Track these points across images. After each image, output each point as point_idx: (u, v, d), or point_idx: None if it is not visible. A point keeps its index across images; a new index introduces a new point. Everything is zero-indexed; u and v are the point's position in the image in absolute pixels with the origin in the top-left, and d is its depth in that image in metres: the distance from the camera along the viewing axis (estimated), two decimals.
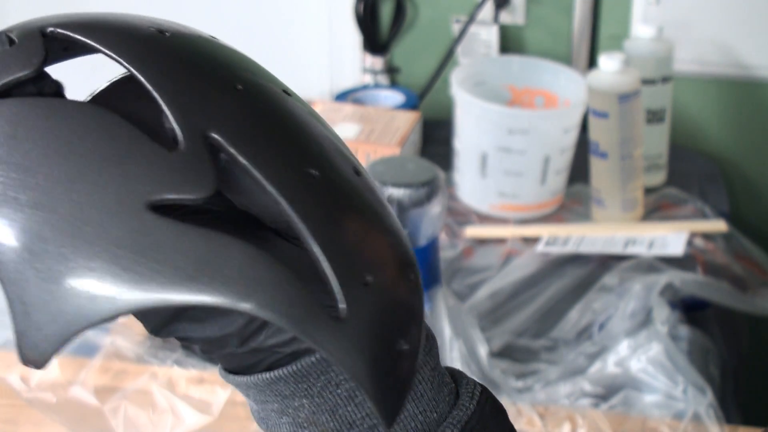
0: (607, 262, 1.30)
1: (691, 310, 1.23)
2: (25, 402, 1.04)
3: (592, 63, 1.58)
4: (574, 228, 1.37)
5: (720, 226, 1.36)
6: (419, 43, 1.66)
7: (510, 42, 1.62)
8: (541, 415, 1.03)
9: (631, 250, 1.31)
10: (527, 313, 1.23)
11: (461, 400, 0.47)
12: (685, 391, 1.06)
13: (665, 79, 1.44)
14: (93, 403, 1.03)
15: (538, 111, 1.46)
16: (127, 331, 1.11)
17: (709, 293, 1.25)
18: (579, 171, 1.44)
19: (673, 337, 1.13)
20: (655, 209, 1.42)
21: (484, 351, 1.12)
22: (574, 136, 1.40)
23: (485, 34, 1.61)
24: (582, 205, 1.44)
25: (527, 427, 1.02)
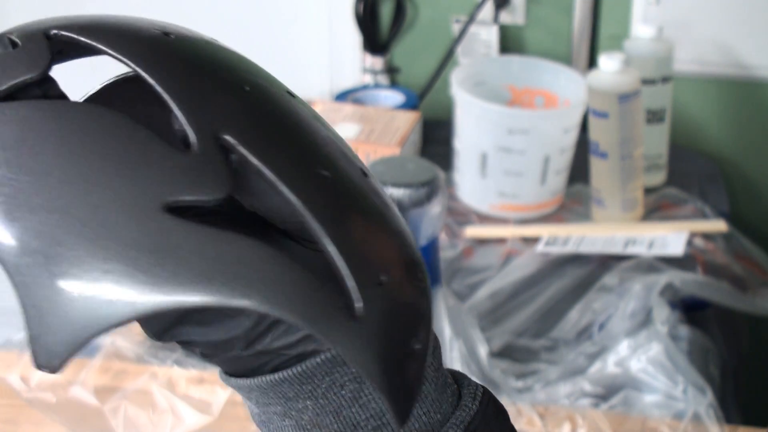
0: (607, 262, 1.30)
1: (691, 310, 1.23)
2: (25, 402, 1.04)
3: (592, 63, 1.58)
4: (574, 228, 1.37)
5: (720, 226, 1.36)
6: (419, 43, 1.66)
7: (510, 42, 1.62)
8: (541, 415, 1.03)
9: (631, 250, 1.31)
10: (527, 313, 1.23)
11: (464, 400, 0.47)
12: (685, 391, 1.06)
13: (665, 79, 1.44)
14: (93, 403, 1.03)
15: (538, 111, 1.46)
16: (127, 331, 1.11)
17: (709, 293, 1.25)
18: (579, 171, 1.44)
19: (673, 337, 1.13)
20: (655, 209, 1.42)
21: (484, 351, 1.12)
22: (574, 136, 1.40)
23: (485, 34, 1.61)
24: (582, 205, 1.44)
25: (527, 427, 1.02)
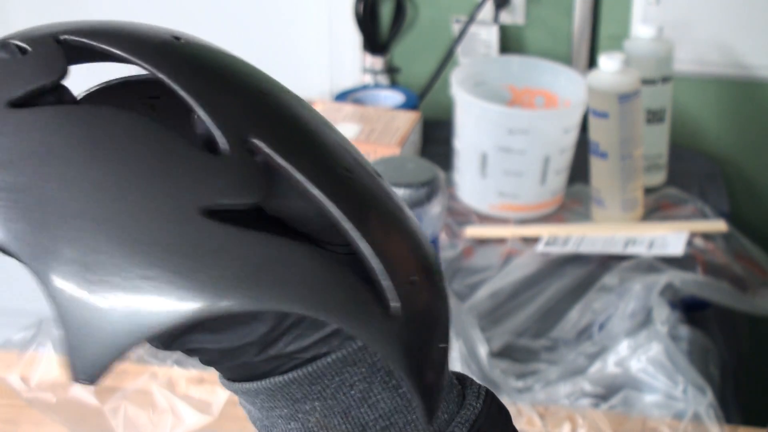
0: (607, 262, 1.30)
1: (691, 310, 1.23)
2: (25, 402, 1.04)
3: (592, 63, 1.58)
4: (574, 228, 1.37)
5: (720, 226, 1.36)
6: (419, 43, 1.66)
7: (510, 42, 1.62)
8: (541, 415, 1.03)
9: (631, 250, 1.31)
10: (527, 313, 1.23)
11: (468, 400, 0.47)
12: (685, 391, 1.06)
13: (665, 79, 1.44)
14: (93, 403, 1.02)
15: (538, 111, 1.46)
16: None
17: (709, 293, 1.25)
18: (579, 171, 1.44)
19: (673, 337, 1.13)
20: (655, 209, 1.42)
21: (484, 351, 1.12)
22: (574, 136, 1.40)
23: (485, 34, 1.61)
24: (582, 205, 1.44)
25: (527, 427, 1.02)
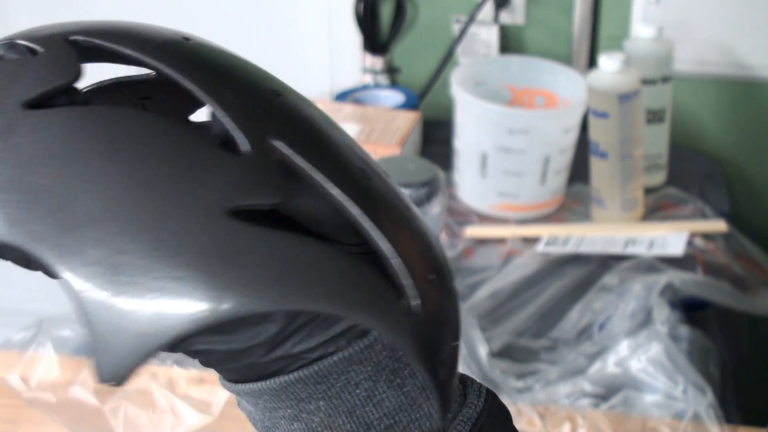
0: (607, 262, 1.30)
1: (691, 310, 1.23)
2: (25, 402, 1.04)
3: (592, 63, 1.58)
4: (574, 228, 1.37)
5: (720, 226, 1.36)
6: (419, 43, 1.66)
7: (510, 42, 1.62)
8: (541, 415, 1.03)
9: (631, 250, 1.31)
10: (527, 313, 1.23)
11: (469, 398, 0.47)
12: (685, 391, 1.06)
13: (665, 79, 1.44)
14: (93, 403, 1.02)
15: (538, 111, 1.46)
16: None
17: (709, 293, 1.25)
18: (579, 171, 1.44)
19: (673, 337, 1.13)
20: (655, 209, 1.42)
21: (484, 351, 1.12)
22: (574, 136, 1.40)
23: (485, 34, 1.61)
24: (582, 205, 1.44)
25: (527, 427, 1.02)
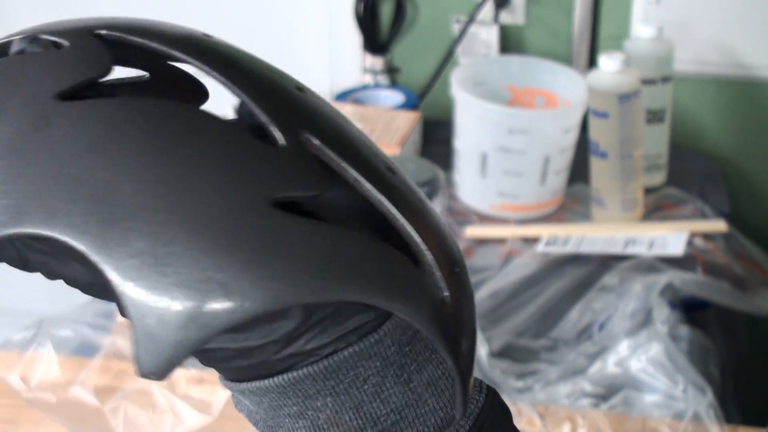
0: (607, 262, 1.30)
1: (691, 310, 1.23)
2: (25, 402, 1.04)
3: (592, 63, 1.58)
4: (574, 228, 1.37)
5: (720, 226, 1.36)
6: (419, 43, 1.66)
7: (510, 42, 1.62)
8: (541, 415, 1.03)
9: (631, 250, 1.31)
10: (527, 313, 1.23)
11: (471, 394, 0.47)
12: (685, 391, 1.06)
13: (665, 79, 1.44)
14: (93, 403, 1.02)
15: (538, 111, 1.46)
16: (127, 331, 1.11)
17: (709, 293, 1.25)
18: (579, 171, 1.44)
19: (673, 337, 1.13)
20: (655, 209, 1.42)
21: (484, 351, 1.12)
22: (574, 136, 1.40)
23: (485, 34, 1.61)
24: (582, 205, 1.44)
25: (527, 427, 1.02)
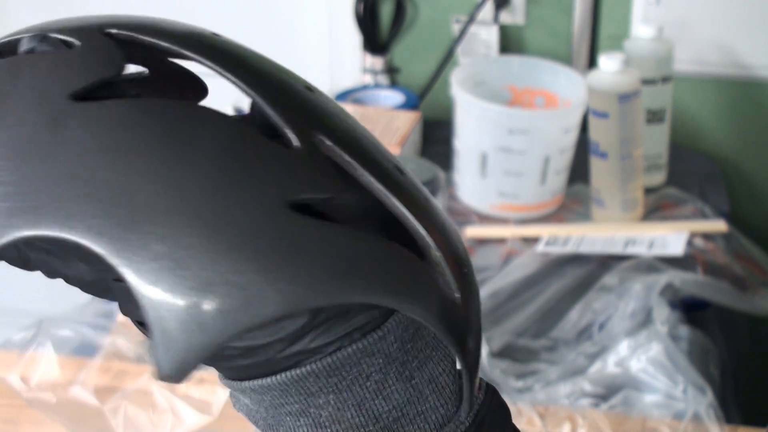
0: (607, 262, 1.30)
1: (691, 310, 1.23)
2: (25, 402, 1.04)
3: (592, 63, 1.58)
4: (574, 228, 1.37)
5: (720, 226, 1.36)
6: (419, 43, 1.66)
7: (510, 42, 1.62)
8: (541, 415, 1.03)
9: (631, 250, 1.31)
10: (527, 313, 1.23)
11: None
12: (685, 391, 1.06)
13: (665, 79, 1.44)
14: (93, 403, 1.02)
15: (538, 111, 1.46)
16: (127, 331, 1.11)
17: (709, 293, 1.25)
18: (579, 171, 1.44)
19: (673, 337, 1.13)
20: (655, 209, 1.42)
21: (484, 351, 1.12)
22: (574, 136, 1.40)
23: (485, 34, 1.61)
24: (582, 205, 1.44)
25: (527, 427, 1.02)
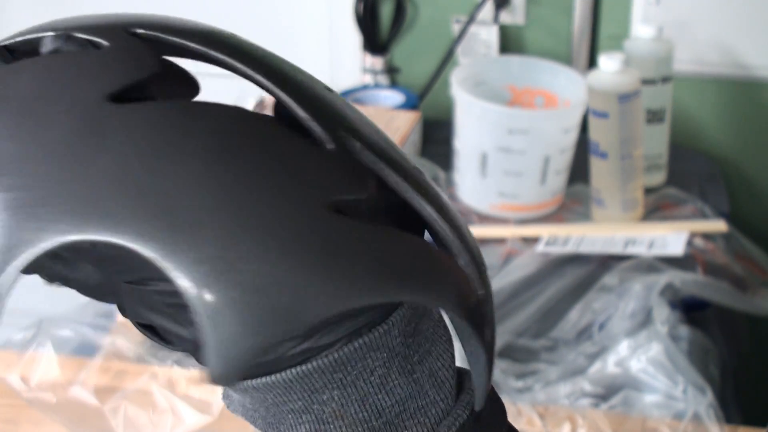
0: (607, 262, 1.30)
1: (691, 310, 1.23)
2: (25, 402, 1.04)
3: (592, 63, 1.58)
4: (574, 228, 1.37)
5: (720, 226, 1.36)
6: (419, 43, 1.66)
7: (510, 42, 1.62)
8: (541, 415, 1.03)
9: (631, 250, 1.31)
10: (527, 313, 1.23)
11: (467, 385, 0.47)
12: (685, 391, 1.06)
13: (665, 79, 1.44)
14: (93, 403, 1.03)
15: (538, 111, 1.46)
16: (127, 331, 1.11)
17: (709, 293, 1.25)
18: (579, 171, 1.44)
19: (673, 337, 1.13)
20: (655, 209, 1.42)
21: None
22: (574, 136, 1.40)
23: (485, 34, 1.61)
24: (582, 205, 1.44)
25: (527, 427, 1.02)
